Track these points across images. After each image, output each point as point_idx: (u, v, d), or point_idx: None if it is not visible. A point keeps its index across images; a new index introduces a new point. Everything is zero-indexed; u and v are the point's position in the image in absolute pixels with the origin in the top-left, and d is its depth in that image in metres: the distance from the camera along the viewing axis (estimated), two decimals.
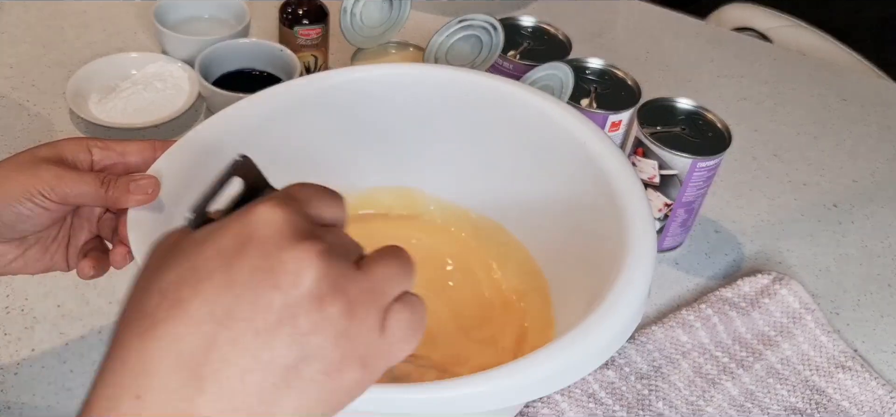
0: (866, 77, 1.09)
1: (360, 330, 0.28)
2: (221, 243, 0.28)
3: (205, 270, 0.27)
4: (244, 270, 0.27)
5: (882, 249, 0.75)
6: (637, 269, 0.46)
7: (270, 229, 0.28)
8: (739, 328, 0.64)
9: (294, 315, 0.27)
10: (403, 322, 0.30)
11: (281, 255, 0.27)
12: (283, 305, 0.27)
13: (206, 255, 0.28)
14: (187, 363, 0.26)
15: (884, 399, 0.61)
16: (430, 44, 0.71)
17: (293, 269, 0.27)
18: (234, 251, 0.27)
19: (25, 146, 0.48)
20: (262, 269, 0.27)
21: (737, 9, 1.27)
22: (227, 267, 0.27)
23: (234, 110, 0.56)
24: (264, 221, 0.28)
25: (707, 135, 0.66)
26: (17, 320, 0.60)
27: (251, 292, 0.27)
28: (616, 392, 0.59)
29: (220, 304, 0.27)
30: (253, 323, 0.27)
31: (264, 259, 0.27)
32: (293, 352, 0.27)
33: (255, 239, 0.27)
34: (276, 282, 0.27)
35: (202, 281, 0.27)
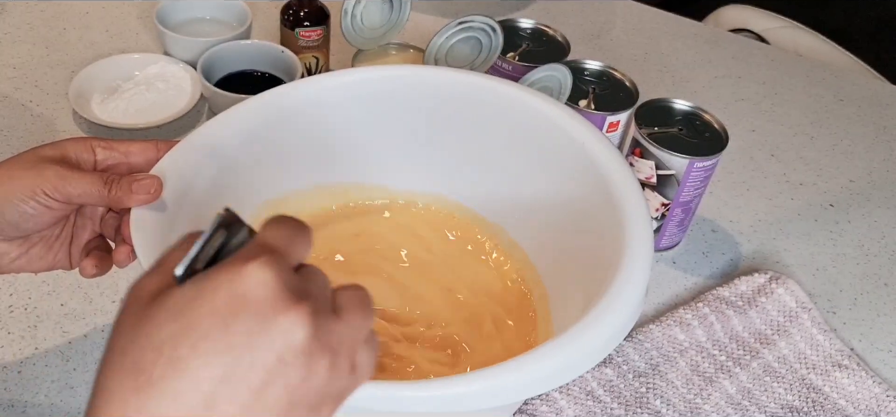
0: (863, 78, 1.10)
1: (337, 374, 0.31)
2: (216, 303, 0.29)
3: (201, 329, 0.29)
4: (240, 332, 0.29)
5: (878, 248, 0.76)
6: (634, 268, 0.46)
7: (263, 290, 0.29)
8: (736, 326, 0.65)
9: (287, 371, 0.29)
10: (368, 363, 0.34)
11: (277, 318, 0.29)
12: (277, 362, 0.29)
13: (201, 312, 0.29)
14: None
15: (880, 398, 0.61)
16: (430, 45, 0.72)
17: (287, 330, 0.29)
18: (229, 311, 0.29)
19: (28, 147, 0.48)
20: (259, 332, 0.29)
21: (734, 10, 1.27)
22: (223, 327, 0.29)
23: (235, 111, 0.57)
24: (256, 281, 0.29)
25: (704, 135, 0.67)
26: (20, 318, 0.61)
27: (248, 353, 0.29)
28: (614, 389, 0.60)
29: (219, 364, 0.29)
30: (250, 381, 0.29)
31: (260, 323, 0.29)
32: (284, 401, 0.30)
33: (249, 300, 0.29)
34: (272, 344, 0.29)
35: (200, 341, 0.29)
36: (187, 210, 0.50)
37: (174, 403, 0.28)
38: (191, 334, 0.29)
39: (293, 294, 0.30)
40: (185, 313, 0.29)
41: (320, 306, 0.31)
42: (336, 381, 0.31)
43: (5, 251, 0.48)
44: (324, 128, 0.61)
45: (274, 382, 0.29)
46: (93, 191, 0.46)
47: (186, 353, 0.28)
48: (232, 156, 0.56)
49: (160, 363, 0.28)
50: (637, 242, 0.48)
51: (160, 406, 0.28)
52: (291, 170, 0.62)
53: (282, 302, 0.30)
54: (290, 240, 0.32)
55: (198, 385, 0.28)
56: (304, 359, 0.30)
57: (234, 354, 0.29)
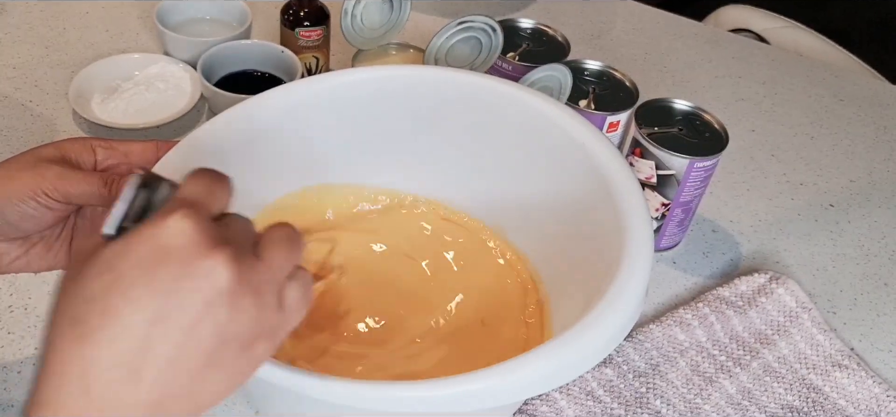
0: (863, 78, 1.10)
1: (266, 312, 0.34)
2: (141, 254, 0.32)
3: (129, 278, 0.31)
4: (166, 278, 0.31)
5: (878, 248, 0.76)
6: (634, 268, 0.46)
7: (184, 238, 0.32)
8: (737, 326, 0.65)
9: (213, 311, 0.32)
10: (296, 297, 0.36)
11: (198, 262, 0.32)
12: (203, 303, 0.32)
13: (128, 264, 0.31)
14: (125, 361, 0.31)
15: (880, 398, 0.61)
16: (430, 45, 0.72)
17: (209, 274, 0.32)
18: (154, 261, 0.31)
19: (28, 147, 0.48)
20: (183, 276, 0.31)
21: (734, 10, 1.27)
22: (150, 275, 0.31)
23: (235, 111, 0.57)
24: (178, 231, 0.32)
25: (704, 135, 0.67)
26: (20, 319, 0.61)
27: (175, 296, 0.31)
28: (614, 390, 0.60)
29: (149, 308, 0.31)
30: (179, 321, 0.31)
31: (183, 267, 0.31)
32: (215, 339, 0.32)
33: (172, 249, 0.32)
34: (197, 285, 0.32)
35: (129, 290, 0.31)
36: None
37: (111, 347, 0.31)
38: (120, 284, 0.31)
39: (212, 240, 0.32)
40: (114, 266, 0.31)
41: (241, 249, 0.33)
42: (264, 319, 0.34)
43: (5, 251, 0.48)
44: (323, 128, 0.61)
45: (203, 322, 0.31)
46: (92, 191, 0.46)
47: (118, 301, 0.31)
48: (232, 156, 0.55)
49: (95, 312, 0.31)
50: (637, 242, 0.48)
51: (99, 352, 0.31)
52: (291, 170, 0.62)
53: (202, 248, 0.32)
54: (208, 191, 0.35)
55: (131, 330, 0.31)
56: (228, 299, 0.32)
57: (162, 299, 0.31)
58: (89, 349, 0.31)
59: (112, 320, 0.31)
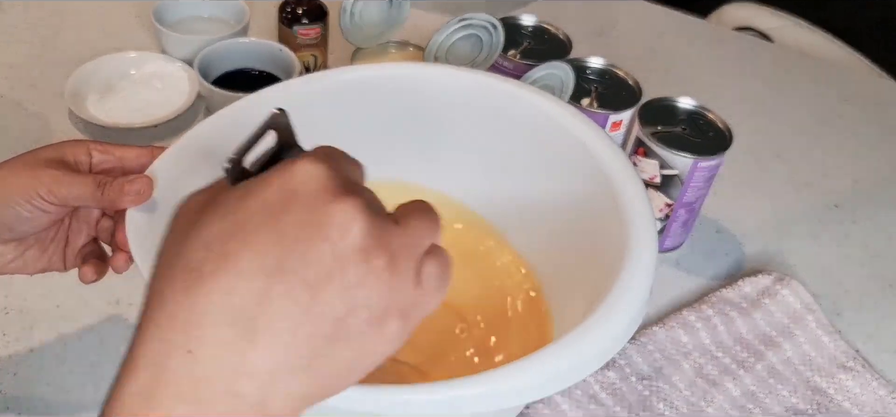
0: (868, 77, 1.09)
1: (401, 283, 0.29)
2: (266, 197, 0.28)
3: (251, 223, 0.28)
4: (292, 224, 0.28)
5: (884, 249, 0.75)
6: (638, 269, 0.46)
7: (315, 183, 0.28)
8: (741, 328, 0.64)
9: (343, 268, 0.28)
10: (435, 274, 0.31)
11: (328, 208, 0.28)
12: (332, 257, 0.28)
13: (251, 209, 0.28)
14: (239, 317, 0.27)
15: (885, 400, 0.61)
16: (430, 43, 0.71)
17: (340, 222, 0.28)
18: (280, 205, 0.28)
19: (24, 146, 0.48)
20: (311, 223, 0.28)
21: (738, 8, 1.27)
22: (274, 221, 0.28)
23: (233, 110, 0.56)
24: (308, 175, 0.28)
25: (708, 135, 0.66)
26: (15, 320, 0.60)
27: (301, 244, 0.27)
28: (617, 392, 0.59)
29: (271, 257, 0.27)
30: (304, 276, 0.27)
31: (311, 213, 0.28)
32: (343, 304, 0.28)
33: (300, 193, 0.28)
34: (325, 235, 0.28)
35: (250, 235, 0.27)
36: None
37: (226, 297, 0.27)
38: (241, 229, 0.28)
39: (346, 188, 0.29)
40: (235, 210, 0.28)
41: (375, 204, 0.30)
42: (400, 290, 0.29)
43: (0, 253, 0.48)
44: (322, 127, 0.61)
45: (330, 279, 0.27)
46: (86, 193, 0.46)
47: (236, 248, 0.27)
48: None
49: (210, 259, 0.27)
50: (641, 243, 0.47)
51: (210, 303, 0.27)
52: None
53: (333, 193, 0.28)
54: (341, 156, 0.32)
55: (249, 280, 0.27)
56: (361, 255, 0.28)
57: (285, 245, 0.27)
58: (201, 298, 0.27)
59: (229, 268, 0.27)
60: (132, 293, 0.62)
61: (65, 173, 0.46)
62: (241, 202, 0.28)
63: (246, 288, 0.27)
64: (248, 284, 0.27)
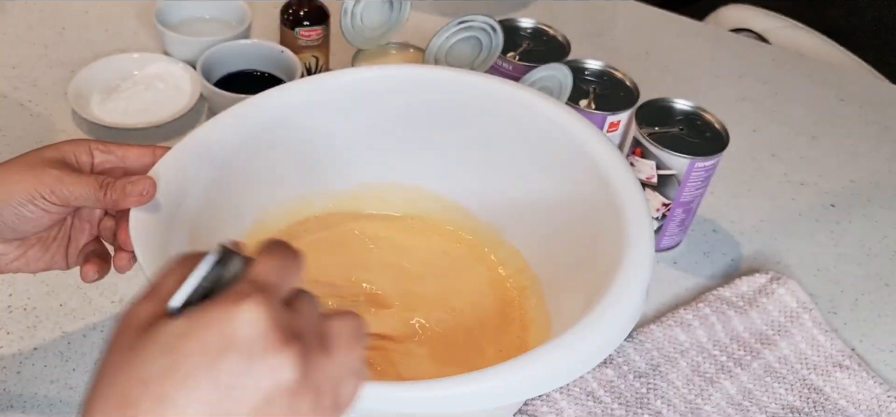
0: (864, 78, 1.09)
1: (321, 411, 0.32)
2: (206, 340, 0.29)
3: (189, 366, 0.29)
4: (228, 370, 0.29)
5: (880, 248, 0.76)
6: (635, 268, 0.46)
7: (254, 330, 0.30)
8: (737, 327, 0.65)
9: (270, 409, 0.30)
10: (349, 394, 0.34)
11: (265, 358, 0.30)
12: (263, 399, 0.29)
13: (190, 350, 0.29)
14: None
15: (881, 398, 0.61)
16: (430, 45, 0.71)
17: (273, 369, 0.30)
18: (218, 351, 0.29)
19: (27, 147, 0.48)
20: (247, 374, 0.29)
21: (735, 10, 1.27)
22: (212, 366, 0.29)
23: (235, 111, 0.57)
24: (247, 322, 0.30)
25: (705, 135, 0.67)
26: (19, 319, 0.60)
27: (236, 392, 0.29)
28: (615, 390, 0.59)
29: (206, 401, 0.29)
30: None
31: (247, 358, 0.29)
32: None
33: (238, 341, 0.29)
34: (258, 381, 0.29)
35: (187, 379, 0.29)
36: (185, 212, 0.50)
37: None
38: (178, 370, 0.29)
39: (284, 335, 0.30)
40: (175, 349, 0.29)
41: (309, 342, 0.31)
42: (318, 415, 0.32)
43: (3, 252, 0.49)
44: (323, 128, 0.61)
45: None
46: (89, 193, 0.46)
47: (173, 390, 0.28)
48: (231, 157, 0.55)
49: (147, 398, 0.28)
50: (638, 242, 0.48)
51: None
52: (290, 171, 0.61)
53: (271, 342, 0.30)
54: (282, 270, 0.33)
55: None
56: (288, 398, 0.30)
57: (220, 392, 0.29)
58: None
59: (165, 409, 0.28)
60: (136, 292, 0.63)
61: (67, 173, 0.46)
62: (181, 341, 0.29)
63: None
64: None
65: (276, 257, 0.33)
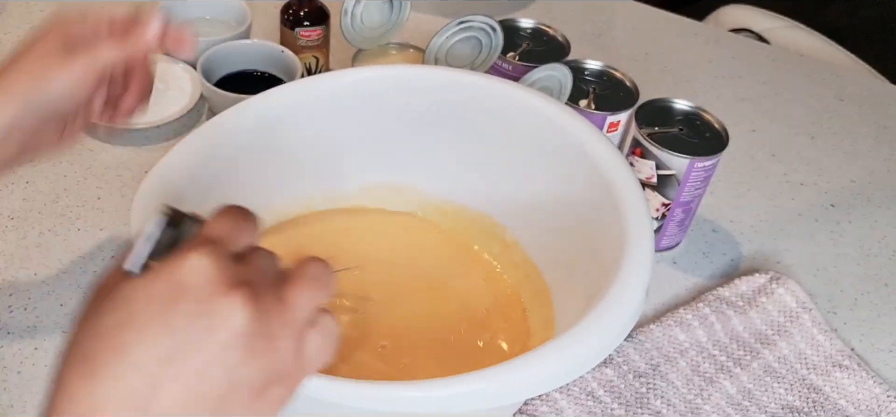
0: (863, 78, 1.10)
1: (280, 357, 0.33)
2: (157, 291, 0.31)
3: (143, 316, 0.31)
4: (180, 315, 0.31)
5: (879, 248, 0.76)
6: (635, 268, 0.46)
7: (202, 277, 0.31)
8: (737, 327, 0.65)
9: (226, 353, 0.31)
10: (315, 345, 0.34)
11: (214, 303, 0.31)
12: (217, 345, 0.31)
13: (142, 301, 0.31)
14: (134, 401, 0.30)
15: (881, 398, 0.61)
16: (430, 45, 0.72)
17: (224, 314, 0.31)
18: (169, 299, 0.31)
19: None
20: (198, 314, 0.31)
21: (734, 10, 1.27)
22: (164, 314, 0.31)
23: (235, 111, 0.57)
24: (194, 270, 0.31)
25: (705, 135, 0.67)
26: (20, 319, 0.61)
27: (189, 335, 0.30)
28: (614, 390, 0.60)
29: (161, 346, 0.30)
30: (191, 363, 0.30)
31: (198, 305, 0.31)
32: (225, 383, 0.31)
33: (187, 287, 0.31)
34: (211, 326, 0.31)
35: (142, 326, 0.30)
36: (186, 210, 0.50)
37: (119, 386, 0.30)
38: (134, 321, 0.30)
39: (231, 280, 0.31)
40: (130, 302, 0.31)
41: (260, 290, 0.32)
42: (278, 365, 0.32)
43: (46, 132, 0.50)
44: (323, 128, 0.61)
45: (215, 364, 0.31)
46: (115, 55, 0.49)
47: (129, 339, 0.30)
48: (230, 157, 0.56)
49: (105, 349, 0.30)
50: (638, 242, 0.48)
51: (106, 390, 0.30)
52: (291, 170, 0.62)
53: (220, 288, 0.31)
54: (233, 228, 0.34)
55: (140, 368, 0.30)
56: (242, 341, 0.31)
57: (174, 337, 0.30)
58: (98, 387, 0.30)
59: (122, 357, 0.30)
60: None
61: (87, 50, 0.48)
62: (134, 294, 0.31)
63: (138, 376, 0.30)
64: (140, 371, 0.30)
65: (228, 215, 0.35)
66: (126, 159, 0.76)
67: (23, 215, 0.69)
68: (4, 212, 0.69)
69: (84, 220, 0.69)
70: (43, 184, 0.72)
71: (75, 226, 0.68)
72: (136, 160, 0.76)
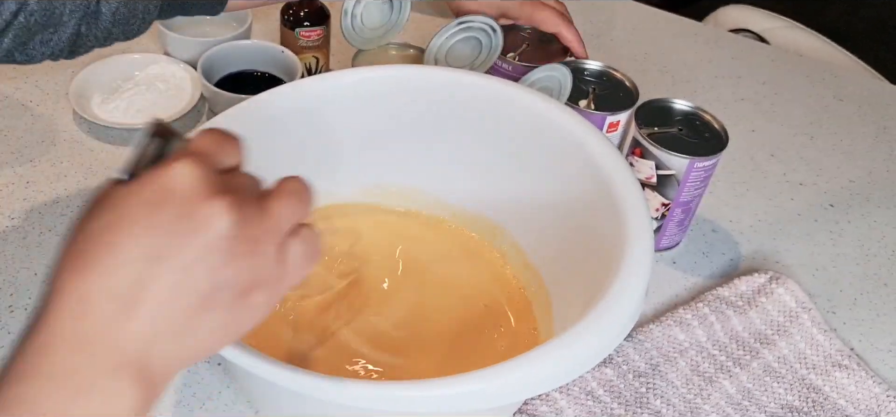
0: (863, 78, 1.10)
1: (262, 261, 0.35)
2: (145, 194, 0.33)
3: (131, 216, 0.33)
4: (167, 217, 0.32)
5: (878, 248, 0.76)
6: (634, 268, 0.46)
7: (188, 183, 0.33)
8: (736, 326, 0.65)
9: (209, 253, 0.33)
10: (297, 253, 0.36)
11: (199, 206, 0.33)
12: (201, 246, 0.33)
13: (131, 204, 0.33)
14: (120, 294, 0.32)
15: (880, 397, 0.61)
16: (430, 45, 0.72)
17: (208, 217, 0.33)
18: (156, 202, 0.33)
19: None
20: (182, 216, 0.32)
21: (734, 10, 1.27)
22: (151, 215, 0.32)
23: (235, 111, 0.57)
24: (181, 176, 0.33)
25: (704, 135, 0.67)
26: (21, 318, 0.61)
27: (174, 236, 0.32)
28: (614, 389, 0.60)
29: (148, 245, 0.32)
30: (176, 261, 0.32)
31: (183, 207, 0.33)
32: (209, 282, 0.33)
33: (175, 191, 0.33)
34: (195, 227, 0.33)
35: (130, 226, 0.32)
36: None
37: (108, 279, 0.32)
38: (122, 221, 0.32)
39: (214, 187, 0.33)
40: (119, 205, 0.33)
41: (243, 198, 0.34)
42: (261, 269, 0.34)
43: None
44: (323, 128, 0.61)
45: (198, 263, 0.32)
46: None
47: (118, 237, 0.32)
48: None
49: (96, 246, 0.32)
50: (637, 242, 0.48)
51: (96, 283, 0.32)
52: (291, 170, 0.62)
53: (204, 193, 0.33)
54: (217, 145, 0.36)
55: (129, 264, 0.32)
56: (225, 243, 0.33)
57: (159, 236, 0.32)
58: (88, 278, 0.32)
59: (111, 253, 0.32)
60: None
61: None
62: (124, 199, 0.33)
63: (127, 270, 0.32)
64: (128, 267, 0.32)
65: (213, 134, 0.36)
66: None
67: (23, 215, 0.69)
68: (5, 212, 0.69)
69: None
70: (43, 184, 0.72)
71: None
72: None
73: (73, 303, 0.32)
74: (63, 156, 0.75)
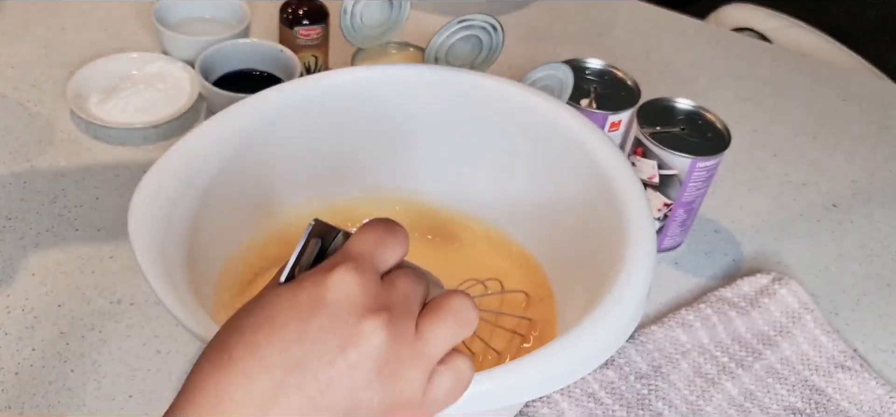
0: (865, 77, 1.09)
1: (407, 386, 0.33)
2: (298, 299, 0.32)
3: (280, 320, 0.31)
4: (316, 328, 0.31)
5: (881, 249, 0.75)
6: (636, 269, 0.46)
7: (342, 294, 0.32)
8: (739, 327, 0.64)
9: (354, 371, 0.31)
10: (444, 387, 0.34)
11: (351, 322, 0.31)
12: (346, 365, 0.31)
13: (282, 307, 0.32)
14: (257, 400, 0.31)
15: (883, 399, 0.61)
16: (431, 44, 0.71)
17: (358, 335, 0.31)
18: (308, 309, 0.31)
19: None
20: (332, 331, 0.31)
21: (736, 9, 1.27)
22: (300, 322, 0.31)
23: (234, 110, 0.56)
24: (338, 287, 0.32)
25: (706, 135, 0.67)
26: (18, 319, 0.60)
27: (320, 348, 0.31)
28: (616, 391, 0.59)
29: (291, 353, 0.31)
30: (317, 375, 0.31)
31: (335, 321, 0.31)
32: (347, 402, 0.31)
33: (328, 302, 0.31)
34: (343, 343, 0.31)
35: (277, 330, 0.31)
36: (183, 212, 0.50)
37: (246, 383, 0.31)
38: (271, 323, 0.31)
39: (372, 302, 0.32)
40: (272, 306, 0.32)
41: (400, 317, 0.32)
42: (404, 397, 0.32)
43: None
44: (323, 128, 0.61)
45: (340, 381, 0.31)
46: None
47: (263, 339, 0.31)
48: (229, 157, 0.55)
49: (241, 344, 0.31)
50: (639, 242, 0.47)
51: (234, 384, 0.31)
52: (288, 169, 0.61)
53: (359, 309, 0.31)
54: (379, 244, 0.34)
55: (269, 371, 0.31)
56: (371, 365, 0.31)
57: (305, 346, 0.31)
58: (227, 378, 0.31)
59: (253, 356, 0.31)
60: (133, 293, 0.63)
61: None
62: (277, 300, 0.32)
63: (266, 375, 0.31)
64: (268, 372, 0.31)
65: (374, 230, 0.35)
66: (124, 159, 0.76)
67: (21, 215, 0.69)
68: (3, 212, 0.69)
69: (82, 220, 0.69)
70: (41, 184, 0.72)
71: (73, 226, 0.68)
72: (135, 160, 0.76)
73: (208, 401, 0.31)
74: (60, 156, 0.75)
